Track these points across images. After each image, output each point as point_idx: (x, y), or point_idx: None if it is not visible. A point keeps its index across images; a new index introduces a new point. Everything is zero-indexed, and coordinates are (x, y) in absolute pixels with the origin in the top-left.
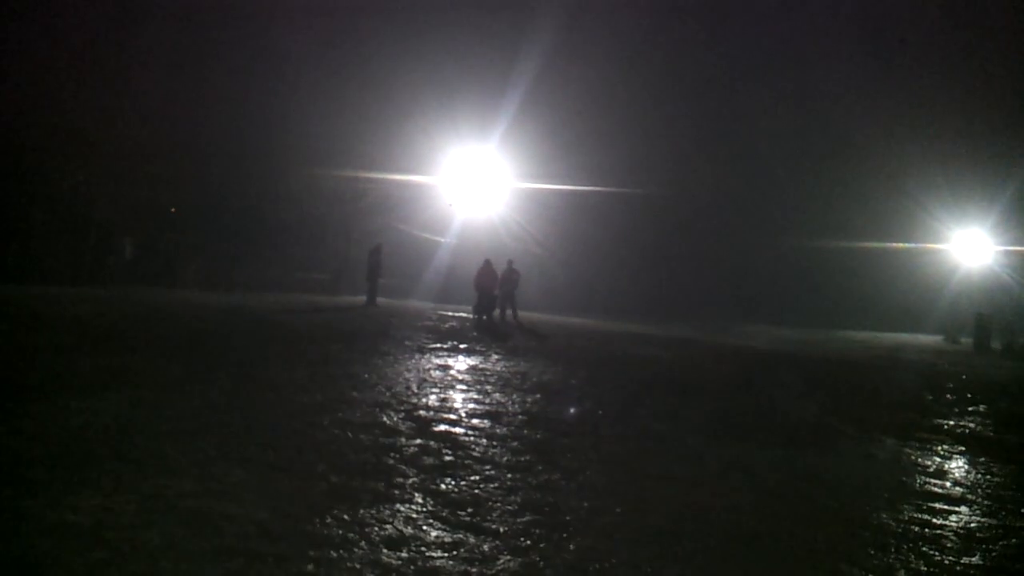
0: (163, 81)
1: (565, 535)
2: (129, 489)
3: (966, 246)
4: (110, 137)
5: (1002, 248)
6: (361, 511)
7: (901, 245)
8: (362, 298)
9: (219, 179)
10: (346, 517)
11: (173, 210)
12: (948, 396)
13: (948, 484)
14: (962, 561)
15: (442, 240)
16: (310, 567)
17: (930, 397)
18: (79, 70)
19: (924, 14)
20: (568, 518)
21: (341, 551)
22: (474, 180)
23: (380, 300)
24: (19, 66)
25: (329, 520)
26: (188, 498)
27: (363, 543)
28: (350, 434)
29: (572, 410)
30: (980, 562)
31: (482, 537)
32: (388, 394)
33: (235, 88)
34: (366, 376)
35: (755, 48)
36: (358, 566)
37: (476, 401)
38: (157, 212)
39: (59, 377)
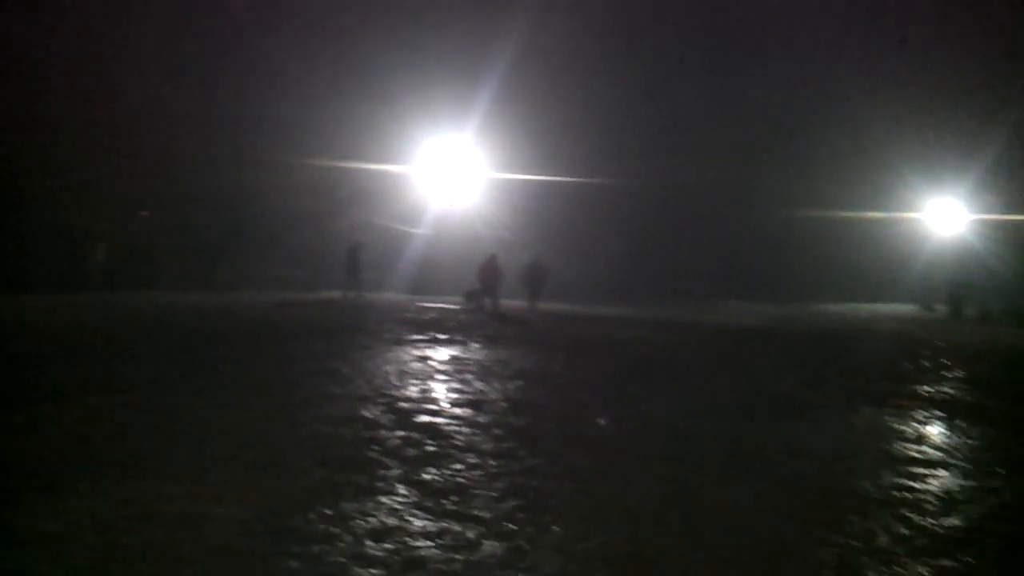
0: (130, 78)
1: (550, 518)
2: (109, 494)
3: (940, 215)
4: (80, 140)
5: (975, 216)
6: (344, 505)
7: (875, 215)
8: (339, 293)
9: (191, 177)
10: (329, 512)
11: (145, 213)
12: (925, 363)
13: (927, 449)
14: (942, 523)
15: (417, 231)
16: (294, 563)
17: (907, 365)
18: (45, 70)
19: None
20: (552, 502)
21: (325, 545)
22: (449, 170)
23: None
24: None
25: (312, 516)
26: (169, 500)
27: (347, 536)
28: (331, 429)
29: (554, 395)
30: (960, 523)
31: (467, 524)
32: (368, 388)
33: (204, 82)
34: (346, 371)
35: (722, 25)
36: (343, 560)
37: (457, 390)
38: (130, 215)
39: (38, 385)
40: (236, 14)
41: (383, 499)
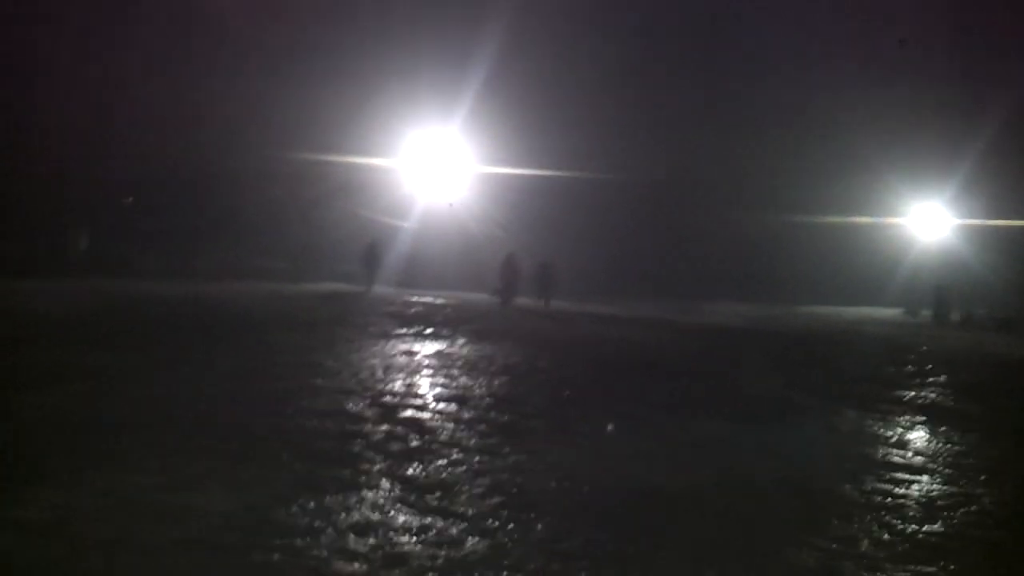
0: (114, 67)
1: (533, 515)
2: (88, 483)
3: (925, 219)
4: (63, 126)
5: (959, 221)
6: (327, 499)
7: (861, 219)
8: (328, 285)
9: (175, 165)
10: (312, 505)
11: (129, 199)
12: (909, 368)
13: (909, 454)
14: (923, 529)
15: (404, 225)
16: (276, 556)
17: (891, 369)
18: (28, 59)
19: None
20: (536, 499)
21: (307, 539)
22: (436, 164)
23: (342, 287)
24: None
25: (294, 509)
26: (149, 491)
27: (329, 530)
28: (315, 422)
29: (538, 391)
30: (941, 530)
31: (450, 520)
32: (353, 381)
33: (189, 72)
34: (330, 363)
35: (713, 24)
36: (325, 553)
37: (442, 385)
38: (111, 201)
39: (15, 371)
40: (224, 4)
41: (367, 493)
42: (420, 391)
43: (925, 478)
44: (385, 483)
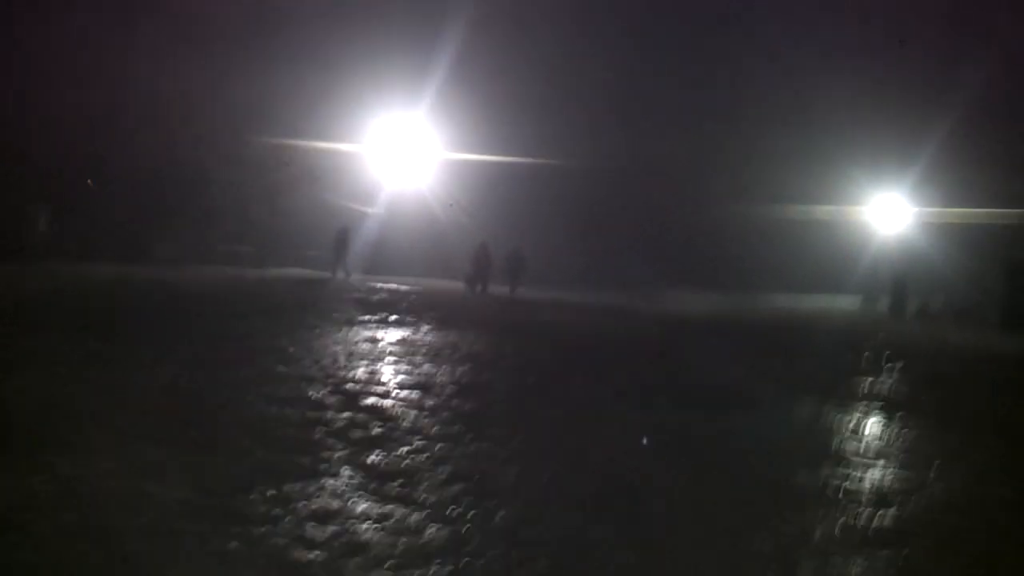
0: (76, 47)
1: (494, 503)
2: (45, 471)
3: (884, 210)
4: (17, 105)
5: (919, 212)
6: (287, 486)
7: (821, 208)
8: (294, 271)
9: (139, 148)
10: (271, 493)
11: (91, 180)
12: (866, 357)
13: (865, 442)
14: (878, 514)
15: (370, 211)
16: (233, 544)
17: (848, 359)
18: None
19: None
20: (497, 487)
21: (266, 527)
22: (402, 149)
23: (307, 273)
24: None
25: (254, 496)
26: (107, 478)
27: (288, 518)
28: (276, 409)
29: (501, 379)
30: (896, 514)
31: (411, 508)
32: (315, 368)
33: (153, 55)
34: (292, 350)
35: (676, 13)
36: (283, 541)
37: (406, 372)
38: (73, 182)
39: None
40: None
41: (327, 481)
42: (383, 378)
43: (880, 465)
44: (346, 471)
